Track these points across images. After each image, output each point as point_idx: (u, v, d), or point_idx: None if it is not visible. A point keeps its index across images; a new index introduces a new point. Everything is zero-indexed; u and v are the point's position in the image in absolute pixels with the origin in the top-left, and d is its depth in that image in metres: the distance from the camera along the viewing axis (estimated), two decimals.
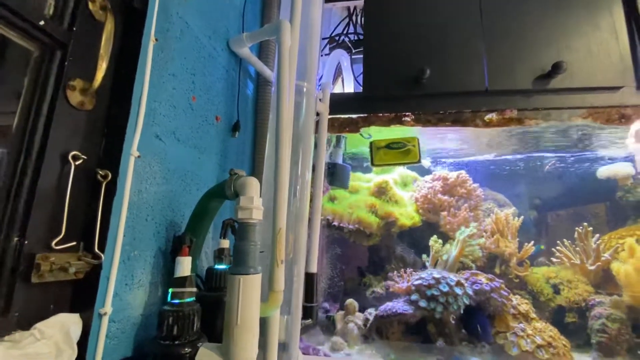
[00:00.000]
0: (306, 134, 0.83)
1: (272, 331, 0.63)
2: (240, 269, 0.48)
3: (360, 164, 1.47)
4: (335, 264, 1.27)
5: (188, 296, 0.50)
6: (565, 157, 1.36)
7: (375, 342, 0.97)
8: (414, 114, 0.96)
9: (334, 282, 1.25)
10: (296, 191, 0.79)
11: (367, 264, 1.24)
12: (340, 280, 1.24)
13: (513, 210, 1.24)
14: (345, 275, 1.23)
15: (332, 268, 1.27)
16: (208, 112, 0.73)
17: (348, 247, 1.27)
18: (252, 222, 0.50)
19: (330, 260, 1.28)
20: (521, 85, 0.90)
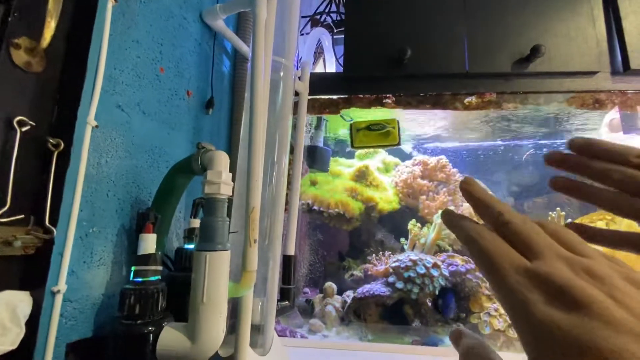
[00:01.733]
0: (284, 114, 0.81)
1: (245, 312, 0.61)
2: (207, 245, 0.46)
3: (342, 148, 1.46)
4: (317, 250, 1.26)
5: (152, 274, 0.48)
6: (542, 144, 1.39)
7: (352, 324, 0.98)
8: (395, 96, 0.95)
9: (315, 267, 1.25)
10: (272, 177, 0.77)
11: (348, 248, 1.24)
12: (321, 265, 1.23)
13: None
14: (326, 259, 1.23)
15: (314, 254, 1.27)
16: (178, 86, 0.69)
17: (329, 232, 1.26)
18: (220, 198, 0.48)
19: (311, 246, 1.27)
20: (500, 69, 0.90)
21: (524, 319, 0.15)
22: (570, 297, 0.14)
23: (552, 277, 0.15)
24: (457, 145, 1.42)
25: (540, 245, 0.16)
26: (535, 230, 0.17)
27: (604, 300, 0.13)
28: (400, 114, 1.12)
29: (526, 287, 0.15)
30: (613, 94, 0.89)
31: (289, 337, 0.87)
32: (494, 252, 0.17)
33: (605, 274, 0.14)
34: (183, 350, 0.44)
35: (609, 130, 1.28)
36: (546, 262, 0.15)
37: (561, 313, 0.13)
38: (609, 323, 0.13)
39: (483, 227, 0.18)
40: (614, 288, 0.14)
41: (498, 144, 1.42)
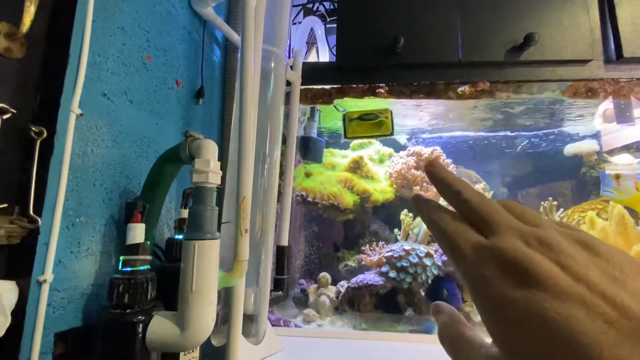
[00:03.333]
0: (275, 104, 0.80)
1: (237, 302, 0.61)
2: (196, 234, 0.46)
3: (337, 140, 1.45)
4: (312, 241, 1.27)
5: (141, 264, 0.47)
6: (536, 135, 1.39)
7: (346, 313, 0.99)
8: (388, 85, 0.94)
9: (310, 258, 1.25)
10: (264, 170, 0.76)
11: (342, 239, 1.25)
12: (316, 256, 1.24)
13: (483, 186, 1.26)
14: (321, 251, 1.23)
15: (309, 245, 1.27)
16: (166, 75, 0.68)
17: (323, 224, 1.27)
18: (208, 186, 0.48)
19: (307, 238, 1.27)
20: (494, 57, 0.90)
21: (481, 296, 0.15)
22: (521, 271, 0.14)
23: (505, 252, 0.15)
24: (452, 136, 1.42)
25: (495, 220, 0.16)
26: (491, 206, 0.17)
27: (551, 269, 0.14)
28: (394, 104, 1.11)
29: (482, 264, 0.15)
30: (606, 82, 0.89)
31: (283, 327, 0.88)
32: (452, 231, 0.17)
33: (554, 241, 0.15)
34: (173, 338, 0.44)
35: (603, 121, 1.29)
36: (501, 237, 0.16)
37: (513, 288, 0.14)
38: (555, 292, 0.13)
39: (444, 209, 0.19)
40: (561, 254, 0.14)
41: (492, 135, 1.42)
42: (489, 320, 0.15)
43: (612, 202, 1.05)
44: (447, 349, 0.18)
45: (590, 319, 0.12)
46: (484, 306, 0.15)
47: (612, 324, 0.12)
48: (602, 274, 0.13)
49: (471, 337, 0.17)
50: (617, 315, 0.12)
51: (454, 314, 0.20)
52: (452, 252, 0.17)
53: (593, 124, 1.29)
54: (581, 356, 0.11)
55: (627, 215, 0.99)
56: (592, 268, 0.13)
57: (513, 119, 1.27)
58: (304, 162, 1.11)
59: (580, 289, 0.13)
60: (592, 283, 0.13)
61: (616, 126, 1.24)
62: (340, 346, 0.80)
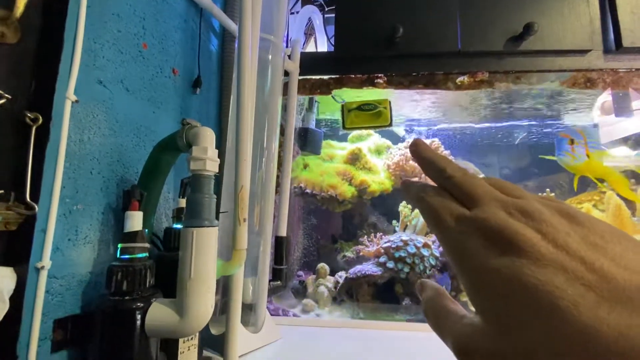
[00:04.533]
0: (273, 94, 0.79)
1: (236, 291, 0.62)
2: (194, 221, 0.46)
3: (336, 132, 1.45)
4: (311, 233, 1.27)
5: (139, 251, 0.47)
6: (534, 126, 1.39)
7: (345, 303, 0.99)
8: (387, 76, 0.94)
9: (309, 250, 1.25)
10: (262, 162, 0.76)
11: (341, 230, 1.25)
12: (315, 248, 1.24)
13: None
14: (319, 242, 1.24)
15: (308, 237, 1.27)
16: (163, 64, 0.67)
17: (322, 215, 1.27)
18: (206, 174, 0.47)
19: (305, 230, 1.27)
20: (493, 47, 0.89)
21: (463, 266, 0.15)
22: (503, 239, 0.14)
23: (487, 221, 0.15)
24: (451, 128, 1.41)
25: (478, 193, 0.17)
26: (474, 180, 0.18)
27: (531, 237, 0.14)
28: (393, 96, 1.11)
29: (465, 235, 0.15)
30: (605, 72, 0.89)
31: (282, 316, 0.88)
32: (436, 205, 0.17)
33: (535, 210, 0.15)
34: (172, 324, 0.44)
35: (602, 113, 1.29)
36: (483, 208, 0.16)
37: (495, 257, 0.14)
38: (535, 258, 0.13)
39: (429, 186, 0.19)
40: (543, 222, 0.14)
41: (491, 127, 1.42)
42: (472, 289, 0.15)
43: (609, 194, 1.06)
44: (431, 324, 0.18)
45: (569, 283, 0.12)
46: (467, 276, 0.15)
47: (590, 287, 0.12)
48: (582, 240, 0.13)
49: (454, 309, 0.18)
50: (595, 278, 0.12)
51: (438, 289, 0.20)
52: (435, 224, 0.17)
53: (590, 116, 1.29)
54: (561, 319, 0.12)
55: (623, 206, 0.99)
56: (573, 235, 0.14)
57: (512, 111, 1.27)
58: (302, 154, 1.11)
59: (559, 255, 0.13)
60: (572, 249, 0.13)
61: (614, 118, 1.24)
62: (337, 335, 0.81)
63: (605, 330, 0.11)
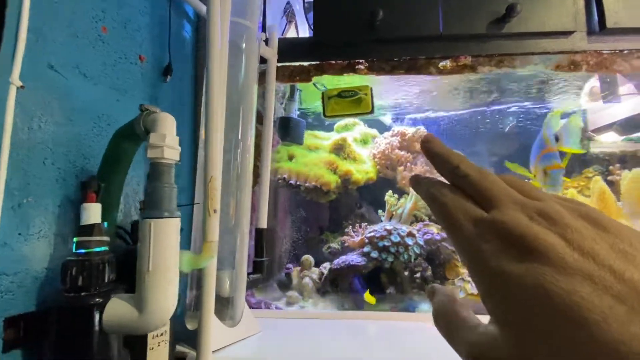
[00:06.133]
0: (248, 82, 0.77)
1: (208, 284, 0.60)
2: (152, 212, 0.44)
3: (322, 122, 1.42)
4: (300, 226, 1.25)
5: (96, 245, 0.45)
6: (522, 112, 1.37)
7: (329, 294, 0.98)
8: (368, 62, 0.91)
9: (298, 243, 1.24)
10: (237, 154, 0.74)
11: (327, 221, 1.24)
12: (301, 240, 1.23)
13: None
14: (307, 234, 1.22)
15: (297, 229, 1.25)
16: (127, 49, 0.64)
17: (310, 207, 1.25)
18: (165, 162, 0.45)
19: (295, 222, 1.26)
20: (476, 30, 0.87)
21: (479, 270, 0.14)
22: (524, 244, 0.13)
23: (507, 225, 0.14)
24: (438, 116, 1.39)
25: (495, 194, 0.16)
26: (491, 179, 0.17)
27: (555, 243, 0.13)
28: (379, 83, 1.08)
29: (481, 238, 0.15)
30: (588, 54, 0.87)
31: (264, 309, 0.87)
32: (451, 206, 0.17)
33: (557, 214, 0.14)
34: (130, 320, 0.42)
35: (590, 99, 1.28)
36: (501, 210, 0.15)
37: (514, 262, 0.13)
38: (559, 266, 0.12)
39: (443, 184, 0.18)
40: (566, 227, 0.13)
41: (479, 113, 1.40)
42: (488, 296, 0.14)
43: (595, 178, 1.05)
44: (442, 330, 0.18)
45: (596, 294, 0.11)
46: (483, 281, 0.14)
47: (620, 298, 0.11)
48: (609, 248, 0.13)
49: (467, 316, 0.17)
50: (626, 289, 0.11)
51: (450, 294, 0.19)
52: (450, 226, 0.16)
53: (577, 102, 1.28)
54: (588, 333, 0.11)
55: (608, 191, 0.98)
56: (599, 242, 0.13)
57: (501, 97, 1.25)
58: (282, 144, 1.08)
59: (586, 263, 0.12)
60: (599, 257, 0.12)
61: (602, 104, 1.23)
62: (320, 327, 0.80)
63: (637, 346, 0.10)
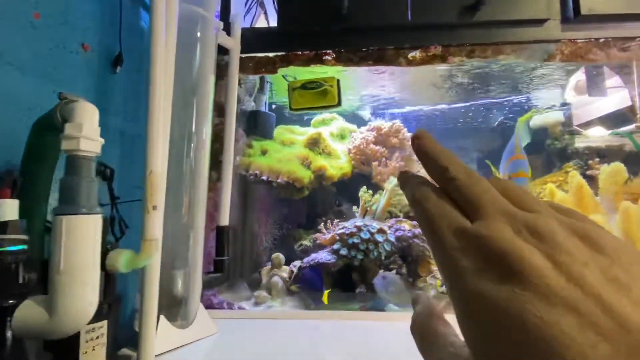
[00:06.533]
0: (204, 73, 0.73)
1: (149, 285, 0.57)
2: (66, 208, 0.41)
3: (300, 117, 1.39)
4: (272, 223, 1.22)
5: (10, 244, 0.42)
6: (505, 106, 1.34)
7: (299, 293, 0.95)
8: (335, 52, 0.88)
9: (270, 241, 1.21)
10: (190, 149, 0.71)
11: (301, 218, 1.21)
12: (275, 237, 1.20)
13: None
14: (280, 231, 1.19)
15: (279, 227, 1.22)
16: (66, 37, 0.61)
17: (283, 204, 1.22)
18: (82, 155, 0.42)
19: (276, 219, 1.23)
20: (445, 19, 0.84)
21: (456, 289, 0.13)
22: (506, 264, 0.12)
23: (489, 239, 0.13)
24: (418, 110, 1.36)
25: (482, 202, 0.14)
26: (480, 185, 0.15)
27: (540, 265, 0.12)
28: (358, 76, 1.05)
29: (461, 252, 0.13)
30: (563, 43, 0.83)
31: (227, 310, 0.84)
32: (434, 212, 0.15)
33: (548, 231, 0.13)
34: (40, 324, 0.39)
35: (576, 93, 1.24)
36: (486, 222, 0.14)
37: (493, 283, 0.12)
38: (542, 293, 0.11)
39: (430, 187, 0.16)
40: (556, 246, 0.12)
41: (461, 107, 1.37)
42: (462, 317, 0.13)
43: (572, 172, 1.02)
44: (416, 342, 0.17)
45: (579, 329, 0.10)
46: (459, 301, 0.13)
47: (605, 336, 0.10)
48: (602, 274, 0.11)
49: (443, 333, 0.16)
50: (613, 326, 0.10)
51: (430, 306, 0.19)
52: (431, 236, 0.15)
53: (560, 96, 1.25)
54: None
55: (585, 186, 0.96)
56: (591, 266, 0.11)
57: (483, 92, 1.22)
58: (251, 139, 1.05)
59: (572, 291, 0.11)
60: (588, 285, 0.11)
61: (588, 98, 1.20)
62: (282, 327, 0.77)
63: None
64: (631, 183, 0.99)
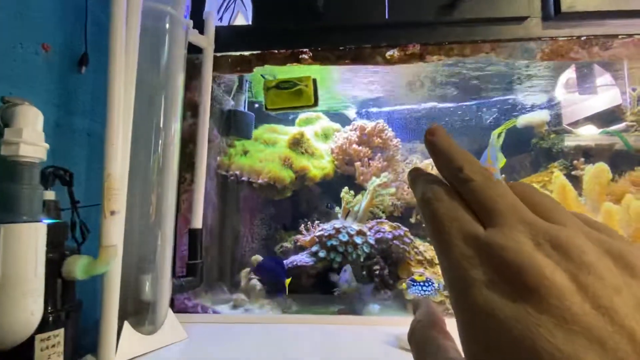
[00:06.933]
0: (172, 71, 0.72)
1: (109, 291, 0.55)
2: (4, 216, 0.39)
3: (285, 116, 1.37)
4: (270, 224, 1.21)
5: None
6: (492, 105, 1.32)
7: (278, 297, 0.94)
8: (312, 51, 0.86)
9: (252, 243, 1.19)
10: (158, 145, 0.69)
11: (283, 220, 1.19)
12: (256, 239, 1.19)
13: (431, 161, 1.21)
14: (261, 233, 1.18)
15: (267, 228, 1.21)
16: (24, 37, 0.59)
17: (265, 205, 1.21)
18: (23, 161, 0.40)
19: (264, 220, 1.21)
20: (423, 17, 0.82)
21: (462, 301, 0.12)
22: (521, 279, 0.11)
23: (504, 250, 0.11)
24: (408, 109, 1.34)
25: (499, 208, 0.13)
26: (498, 189, 0.14)
27: (562, 285, 0.10)
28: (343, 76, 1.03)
29: (472, 262, 0.12)
30: (543, 42, 0.82)
31: (200, 314, 0.83)
32: (445, 215, 0.14)
33: (576, 247, 0.11)
34: None
35: (566, 91, 1.23)
36: (503, 230, 0.12)
37: (506, 300, 0.11)
38: (561, 317, 0.10)
39: (443, 187, 0.15)
40: (583, 267, 0.10)
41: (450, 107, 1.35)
42: (465, 333, 0.12)
43: (556, 173, 1.01)
44: (413, 352, 0.16)
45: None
46: (464, 315, 0.12)
47: None
48: (637, 304, 0.10)
49: (443, 347, 0.15)
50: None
51: (431, 314, 0.17)
52: (438, 239, 0.14)
53: (553, 95, 1.23)
54: None
55: (568, 186, 0.94)
56: (624, 294, 0.10)
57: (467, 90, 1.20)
58: (231, 139, 1.04)
59: (598, 320, 0.09)
60: (619, 315, 0.09)
61: (578, 97, 1.19)
62: (257, 331, 0.76)
63: None
64: (615, 183, 0.97)
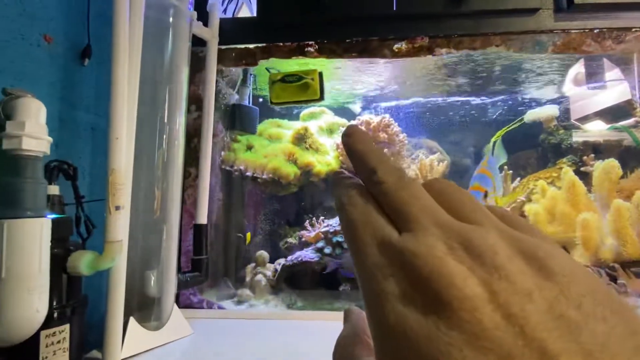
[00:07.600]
0: (176, 64, 0.70)
1: (114, 287, 0.55)
2: (7, 211, 0.38)
3: (289, 110, 1.35)
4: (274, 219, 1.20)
5: None
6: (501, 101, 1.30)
7: (283, 292, 0.94)
8: (318, 44, 0.84)
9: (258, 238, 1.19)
10: (163, 140, 0.68)
11: (289, 215, 1.19)
12: (261, 235, 1.18)
13: (437, 156, 1.19)
14: (266, 229, 1.17)
15: (271, 224, 1.20)
16: (26, 28, 0.58)
17: (270, 200, 1.20)
18: (25, 155, 0.39)
19: (267, 216, 1.20)
20: (432, 9, 0.80)
21: (375, 317, 0.11)
22: (432, 290, 0.10)
23: (415, 256, 0.11)
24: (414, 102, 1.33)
25: (413, 211, 0.12)
26: (412, 189, 0.13)
27: (474, 295, 0.09)
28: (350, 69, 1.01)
29: (385, 272, 0.11)
30: (555, 34, 0.80)
31: (206, 309, 0.83)
32: (359, 221, 0.13)
33: (488, 248, 0.10)
34: None
35: (574, 85, 1.20)
36: (416, 234, 0.11)
37: (418, 314, 0.10)
38: (472, 333, 0.09)
39: (360, 191, 0.14)
40: (494, 271, 0.10)
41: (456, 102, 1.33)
42: (377, 348, 0.11)
43: (565, 169, 0.99)
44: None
45: None
46: (377, 333, 0.11)
47: None
48: (548, 309, 0.09)
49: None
50: None
51: (357, 327, 0.16)
52: (351, 247, 0.13)
53: (561, 90, 1.21)
54: None
55: (577, 182, 0.93)
56: (536, 299, 0.09)
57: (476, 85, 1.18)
58: (235, 133, 1.02)
59: (509, 334, 0.09)
60: (530, 324, 0.09)
61: (587, 92, 1.16)
62: (262, 327, 0.75)
63: None
64: (626, 179, 0.96)
